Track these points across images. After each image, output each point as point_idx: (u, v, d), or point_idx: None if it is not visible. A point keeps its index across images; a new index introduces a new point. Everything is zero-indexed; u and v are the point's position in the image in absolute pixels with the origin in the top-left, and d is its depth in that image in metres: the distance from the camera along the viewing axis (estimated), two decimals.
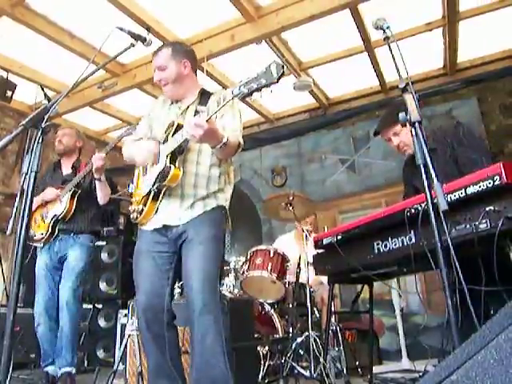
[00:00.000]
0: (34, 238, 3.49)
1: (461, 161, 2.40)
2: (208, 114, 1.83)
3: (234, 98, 2.22)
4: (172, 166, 2.04)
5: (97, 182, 3.35)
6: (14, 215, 1.56)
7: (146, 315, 2.07)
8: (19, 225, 1.53)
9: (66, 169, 3.71)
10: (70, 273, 3.36)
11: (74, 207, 3.43)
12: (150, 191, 2.13)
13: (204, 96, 2.25)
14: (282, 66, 1.69)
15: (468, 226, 1.76)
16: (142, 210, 2.15)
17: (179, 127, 2.07)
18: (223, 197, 2.22)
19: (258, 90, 1.71)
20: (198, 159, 2.16)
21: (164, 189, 2.12)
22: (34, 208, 3.50)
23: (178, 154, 2.09)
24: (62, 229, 3.45)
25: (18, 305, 1.49)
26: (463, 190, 1.78)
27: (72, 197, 3.43)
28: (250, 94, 1.73)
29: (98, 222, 3.70)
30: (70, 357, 3.20)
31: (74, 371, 3.20)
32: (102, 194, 3.43)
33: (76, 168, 3.65)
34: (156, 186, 2.09)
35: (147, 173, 2.19)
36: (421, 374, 3.43)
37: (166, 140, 2.14)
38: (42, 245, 3.48)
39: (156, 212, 2.15)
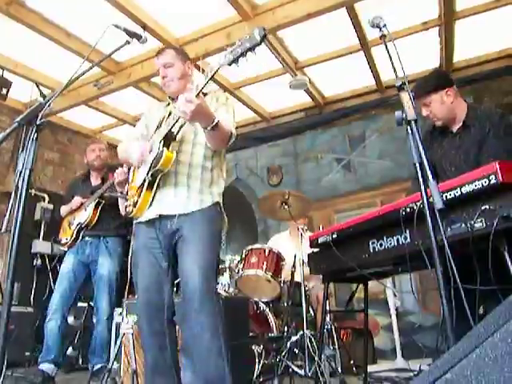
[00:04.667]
0: (61, 242, 3.75)
1: (487, 152, 2.25)
2: (197, 88, 1.85)
3: (228, 97, 2.29)
4: (165, 149, 2.05)
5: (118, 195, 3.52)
6: (8, 213, 1.55)
7: (146, 312, 2.07)
8: (13, 223, 1.52)
9: (96, 180, 3.91)
10: (105, 285, 3.59)
11: (97, 216, 3.63)
12: (144, 180, 2.13)
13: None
14: (264, 29, 1.73)
15: (463, 225, 1.76)
16: (137, 201, 2.14)
17: (170, 115, 2.11)
18: (217, 192, 2.23)
19: (243, 54, 1.76)
20: (192, 150, 2.18)
21: (158, 176, 2.12)
22: (63, 215, 3.83)
23: (171, 138, 2.10)
24: (90, 234, 3.66)
25: (13, 303, 1.49)
26: (459, 188, 1.77)
27: (96, 206, 3.63)
28: (236, 59, 1.78)
29: (124, 227, 3.83)
30: (105, 356, 3.48)
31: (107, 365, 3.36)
32: (123, 207, 3.57)
33: (105, 179, 3.83)
34: (151, 172, 2.09)
35: (142, 165, 2.19)
36: (415, 372, 3.46)
37: (159, 129, 2.18)
38: (66, 249, 3.72)
39: (151, 203, 2.14)
